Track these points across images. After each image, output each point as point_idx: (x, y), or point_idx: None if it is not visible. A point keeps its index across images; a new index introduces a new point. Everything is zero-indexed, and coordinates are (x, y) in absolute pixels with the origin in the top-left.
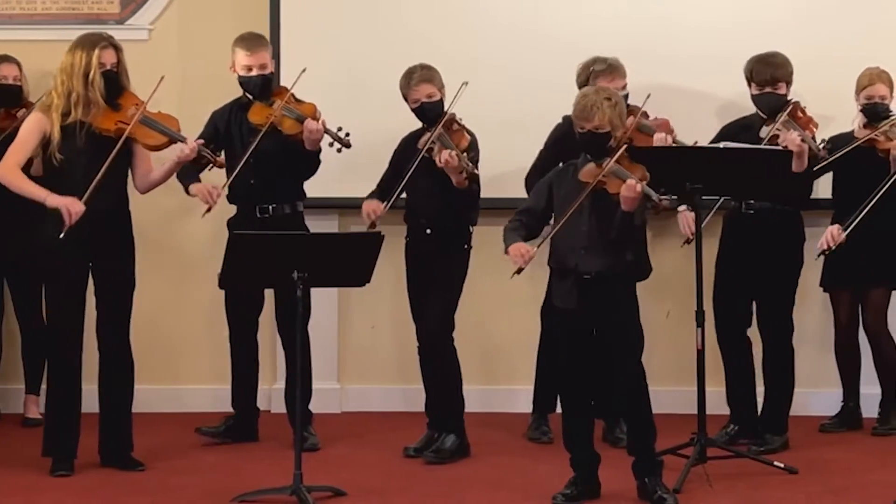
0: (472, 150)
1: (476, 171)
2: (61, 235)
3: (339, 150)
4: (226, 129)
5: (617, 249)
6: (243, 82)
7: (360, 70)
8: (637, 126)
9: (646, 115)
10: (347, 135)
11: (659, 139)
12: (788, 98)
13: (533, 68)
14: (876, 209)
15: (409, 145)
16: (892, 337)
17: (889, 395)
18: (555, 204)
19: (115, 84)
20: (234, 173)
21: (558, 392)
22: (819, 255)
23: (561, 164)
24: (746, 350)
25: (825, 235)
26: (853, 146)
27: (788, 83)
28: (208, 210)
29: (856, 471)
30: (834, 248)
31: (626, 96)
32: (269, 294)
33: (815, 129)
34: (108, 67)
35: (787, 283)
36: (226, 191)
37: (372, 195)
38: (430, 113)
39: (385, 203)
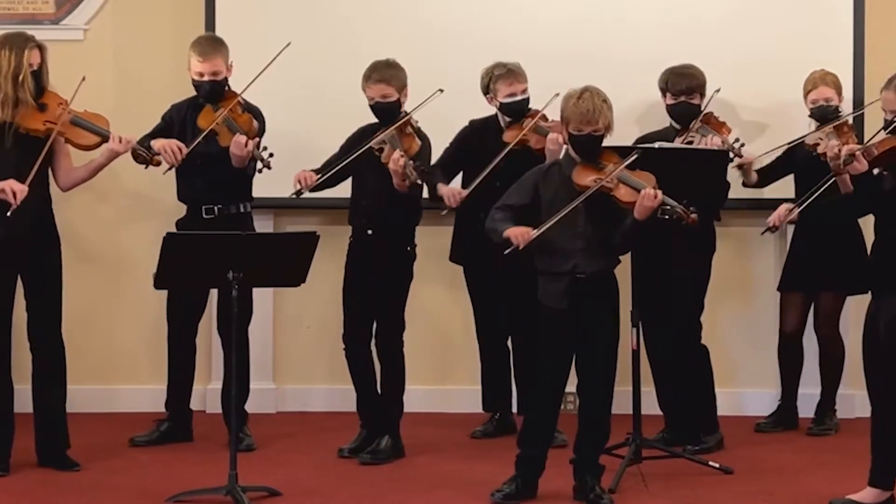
0: (421, 157)
1: (419, 181)
2: (8, 214)
3: (259, 171)
4: (180, 126)
5: (612, 251)
6: (195, 86)
7: (296, 70)
8: (534, 128)
9: (544, 117)
10: (271, 155)
11: (551, 139)
12: (702, 108)
13: (469, 71)
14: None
15: (364, 136)
16: (842, 341)
17: (828, 397)
18: (543, 203)
19: (39, 84)
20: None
21: (536, 389)
22: (764, 232)
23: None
24: (676, 351)
25: (775, 213)
26: (787, 147)
27: (702, 94)
28: (170, 168)
29: (791, 471)
30: (780, 225)
31: (527, 100)
32: (211, 295)
33: (729, 132)
34: (35, 68)
35: (695, 290)
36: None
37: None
38: (381, 113)
39: (319, 176)
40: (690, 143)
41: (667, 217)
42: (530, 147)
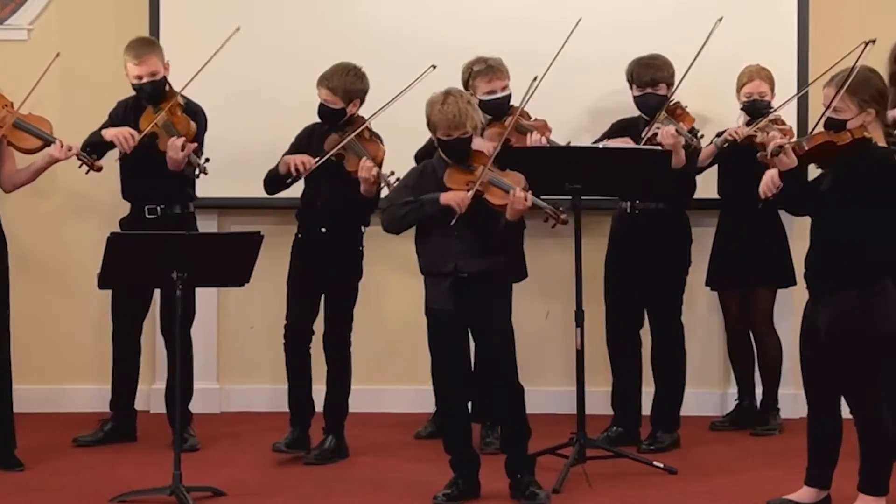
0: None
1: (387, 188)
2: None
3: (196, 176)
4: (122, 125)
5: (493, 250)
6: (136, 90)
7: (240, 72)
8: (515, 126)
9: (526, 115)
10: (207, 160)
11: (534, 140)
12: (670, 99)
13: (412, 70)
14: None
15: (314, 135)
16: (777, 337)
17: (770, 395)
18: None
19: None
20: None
21: (438, 394)
22: (762, 205)
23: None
24: (635, 352)
25: (764, 181)
26: (728, 142)
27: (669, 84)
28: (121, 156)
29: (735, 471)
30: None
31: (509, 97)
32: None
33: (692, 123)
34: None
35: (675, 282)
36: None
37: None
38: (325, 117)
39: (316, 159)
40: (656, 134)
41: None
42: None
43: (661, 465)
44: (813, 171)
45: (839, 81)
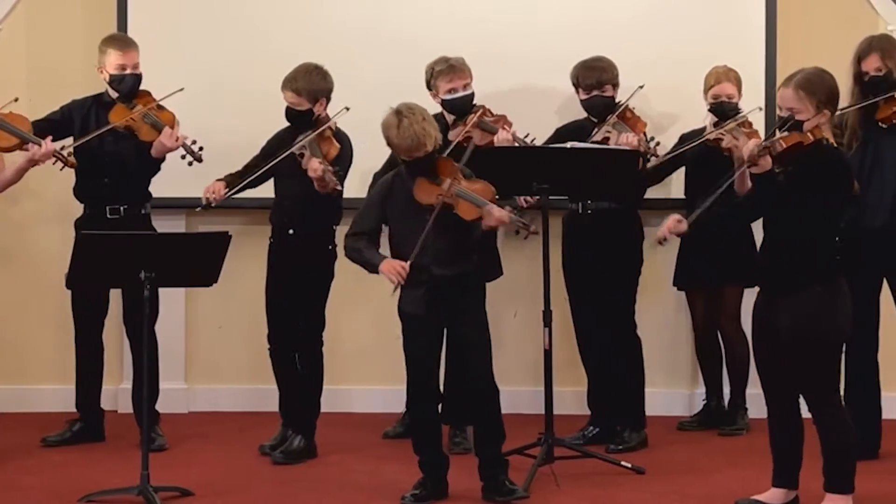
0: (340, 162)
1: (339, 187)
2: None
3: (189, 164)
4: (82, 124)
5: (466, 253)
6: (115, 81)
7: (208, 71)
8: (480, 125)
9: (489, 112)
10: (201, 149)
11: (503, 139)
12: (617, 100)
13: (381, 71)
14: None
15: (283, 139)
16: (745, 336)
17: (737, 395)
18: (389, 216)
19: None
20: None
21: (411, 395)
22: (659, 242)
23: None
24: (605, 351)
25: (663, 225)
26: (693, 144)
27: (615, 85)
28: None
29: (703, 471)
30: (668, 239)
31: (472, 95)
32: (114, 294)
33: (644, 128)
34: None
35: (627, 281)
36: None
37: (227, 176)
38: (293, 119)
39: (227, 190)
40: (606, 138)
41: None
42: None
43: (629, 465)
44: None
45: (799, 83)
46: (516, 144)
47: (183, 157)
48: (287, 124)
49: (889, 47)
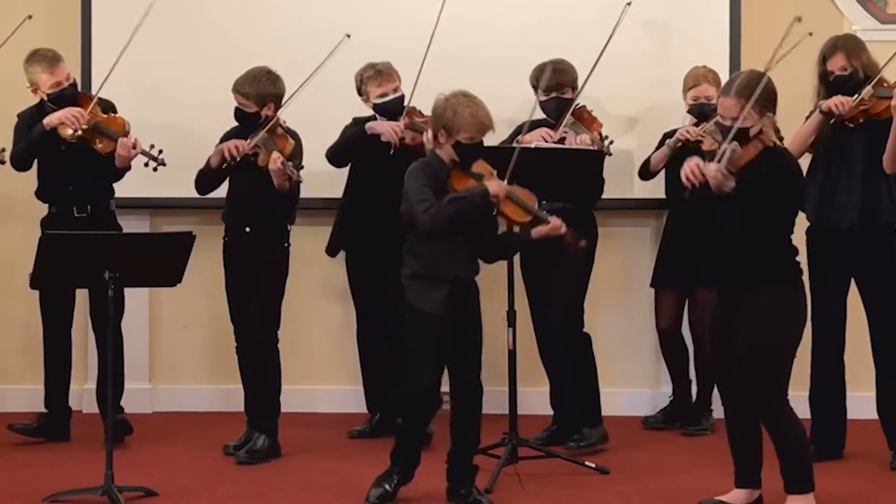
0: (297, 156)
1: (300, 178)
2: None
3: (154, 169)
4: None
5: (488, 260)
6: (55, 98)
7: (168, 73)
8: (410, 125)
9: (419, 113)
10: (161, 152)
11: (429, 139)
12: (575, 102)
13: (341, 71)
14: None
15: (230, 138)
16: None
17: (704, 396)
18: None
19: None
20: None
21: (414, 393)
22: (688, 193)
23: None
24: (566, 351)
25: (688, 168)
26: (680, 142)
27: (574, 88)
28: (74, 133)
29: (667, 471)
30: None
31: (401, 98)
32: (81, 293)
33: (600, 128)
34: None
35: (577, 280)
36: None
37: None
38: (241, 120)
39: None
40: (563, 139)
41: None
42: (407, 146)
43: (593, 465)
44: None
45: (739, 91)
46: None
47: (146, 164)
48: (232, 123)
49: (854, 47)
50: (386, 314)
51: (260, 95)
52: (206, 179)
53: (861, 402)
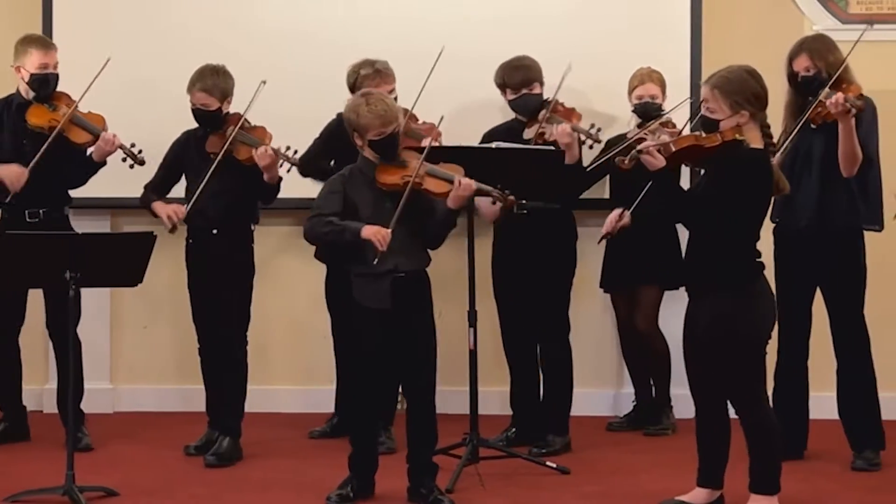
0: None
1: (297, 160)
2: None
3: (131, 166)
4: None
5: (423, 247)
6: (36, 80)
7: (132, 71)
8: (406, 131)
9: (415, 118)
10: (140, 151)
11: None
12: (545, 97)
13: (306, 69)
14: (646, 210)
15: (189, 141)
16: (662, 336)
17: (661, 395)
18: (355, 208)
19: None
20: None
21: (359, 390)
22: (600, 240)
23: (336, 168)
24: (530, 353)
25: (607, 221)
26: (622, 146)
27: (541, 83)
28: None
29: (629, 471)
30: (614, 231)
31: (395, 99)
32: (36, 295)
33: (579, 118)
34: None
35: (561, 282)
36: None
37: (152, 196)
38: (203, 120)
39: (186, 206)
40: (542, 133)
41: (493, 202)
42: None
43: (554, 466)
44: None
45: (715, 82)
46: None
47: (123, 160)
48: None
49: (819, 47)
50: None
51: (222, 90)
52: (147, 207)
53: (822, 402)
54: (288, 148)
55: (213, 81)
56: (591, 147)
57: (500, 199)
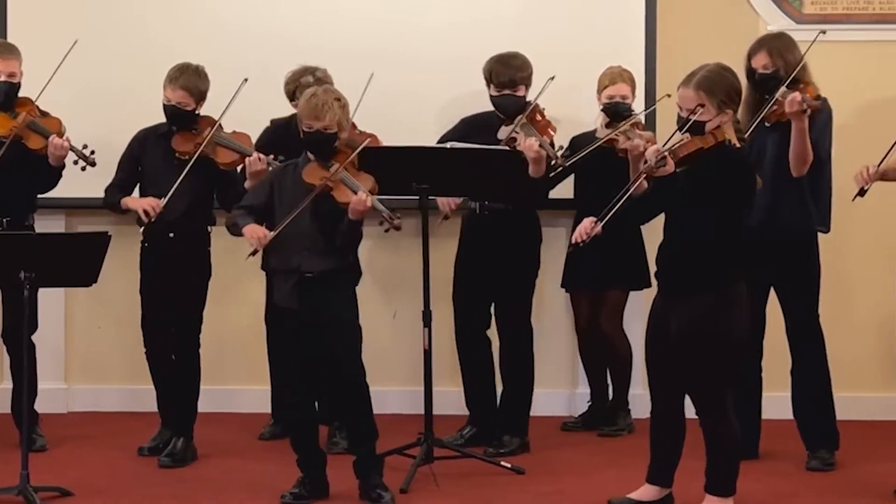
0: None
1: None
2: None
3: (83, 169)
4: None
5: (339, 249)
6: None
7: (86, 72)
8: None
9: (354, 126)
10: (93, 153)
11: None
12: (527, 100)
13: (269, 70)
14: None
15: (147, 139)
16: (626, 339)
17: (619, 396)
18: (276, 202)
19: None
20: None
21: (279, 388)
22: (571, 249)
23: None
24: (485, 351)
25: (579, 228)
26: (593, 147)
27: (527, 85)
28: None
29: (585, 471)
30: (587, 240)
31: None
32: None
33: (553, 133)
34: None
35: (524, 283)
36: None
37: (118, 195)
38: (175, 119)
39: (163, 199)
40: (514, 139)
41: (380, 223)
42: None
43: (509, 466)
44: None
45: (699, 83)
46: None
47: (76, 162)
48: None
49: (779, 45)
50: None
51: (201, 92)
52: (115, 207)
53: (776, 402)
54: (85, 147)
55: (193, 81)
56: (552, 164)
57: (388, 221)
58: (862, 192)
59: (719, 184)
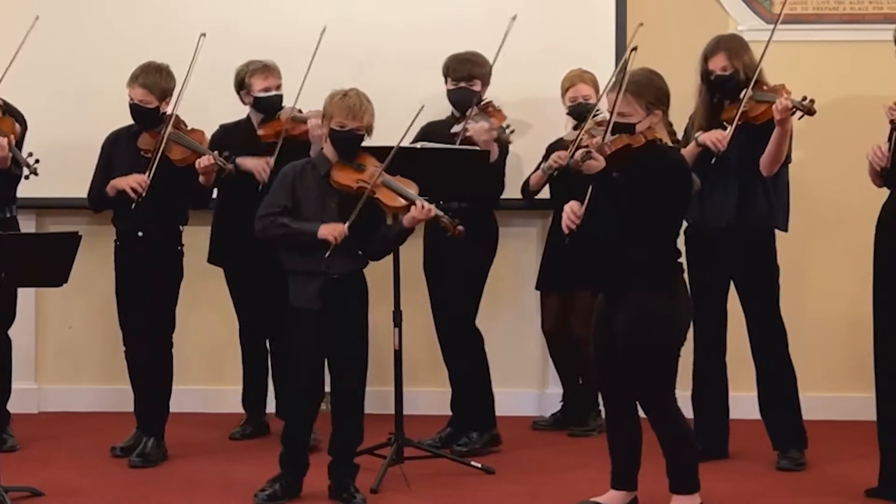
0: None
1: (231, 167)
2: None
3: (26, 177)
4: None
5: (369, 255)
6: None
7: (55, 70)
8: (290, 116)
9: (300, 111)
10: (37, 161)
11: (314, 125)
12: (483, 98)
13: (233, 68)
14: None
15: (119, 140)
16: None
17: (589, 397)
18: (301, 202)
19: None
20: None
21: (293, 391)
22: (567, 239)
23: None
24: (458, 349)
25: (564, 217)
26: (572, 151)
27: (484, 82)
28: None
29: (555, 470)
30: (578, 222)
31: (281, 97)
32: None
33: (502, 120)
34: None
35: (471, 280)
36: None
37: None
38: (139, 117)
39: (146, 174)
40: (466, 128)
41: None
42: (293, 138)
43: (479, 466)
44: None
45: (626, 86)
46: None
47: (10, 169)
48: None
49: (737, 47)
50: (266, 321)
51: (162, 89)
52: (103, 203)
53: (743, 402)
54: (225, 154)
55: (154, 79)
56: (506, 149)
57: (450, 227)
58: (884, 171)
59: (656, 183)
